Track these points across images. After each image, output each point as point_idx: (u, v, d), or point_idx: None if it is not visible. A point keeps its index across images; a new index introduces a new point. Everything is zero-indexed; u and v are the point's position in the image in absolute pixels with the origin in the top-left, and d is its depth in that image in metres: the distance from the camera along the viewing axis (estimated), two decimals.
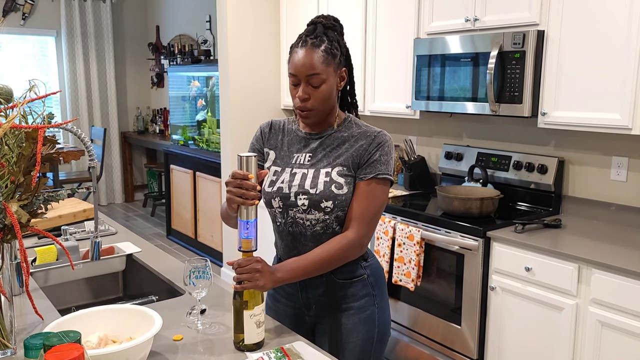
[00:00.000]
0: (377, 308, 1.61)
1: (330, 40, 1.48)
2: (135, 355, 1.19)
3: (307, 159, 1.57)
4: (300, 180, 1.54)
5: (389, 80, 3.29)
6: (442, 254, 2.67)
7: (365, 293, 1.60)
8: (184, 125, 5.85)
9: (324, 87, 1.48)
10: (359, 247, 1.52)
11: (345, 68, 1.55)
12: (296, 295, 1.64)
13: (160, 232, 5.93)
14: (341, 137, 1.57)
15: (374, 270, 1.63)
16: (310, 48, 1.46)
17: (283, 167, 1.59)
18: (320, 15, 1.54)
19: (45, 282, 1.92)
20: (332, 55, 1.48)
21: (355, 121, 1.60)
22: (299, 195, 1.52)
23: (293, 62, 1.48)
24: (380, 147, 1.52)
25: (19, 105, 1.22)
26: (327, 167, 1.53)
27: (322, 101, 1.50)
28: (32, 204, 1.26)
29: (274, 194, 1.56)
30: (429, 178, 3.40)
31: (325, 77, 1.47)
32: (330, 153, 1.56)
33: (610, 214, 2.64)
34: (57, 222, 2.36)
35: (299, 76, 1.48)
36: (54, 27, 6.61)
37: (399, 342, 2.96)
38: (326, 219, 1.52)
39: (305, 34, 1.49)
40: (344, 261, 1.53)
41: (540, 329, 2.34)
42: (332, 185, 1.51)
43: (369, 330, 1.60)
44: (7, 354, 1.29)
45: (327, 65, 1.47)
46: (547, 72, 2.50)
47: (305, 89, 1.48)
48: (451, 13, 2.86)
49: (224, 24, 4.03)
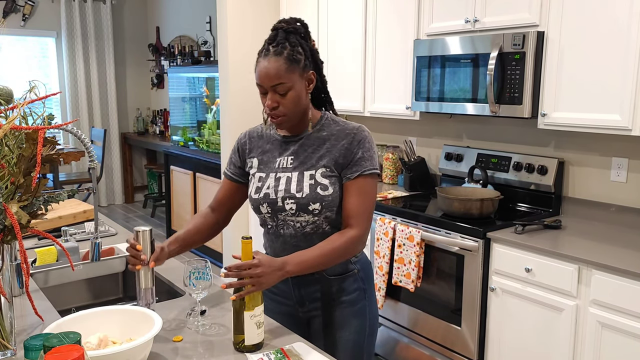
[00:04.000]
0: (368, 301, 1.66)
1: (293, 46, 1.49)
2: (135, 356, 1.19)
3: (290, 161, 1.59)
4: (285, 185, 1.56)
5: (389, 81, 3.30)
6: (442, 255, 2.67)
7: (357, 287, 1.64)
8: (184, 126, 5.85)
9: (291, 93, 1.49)
10: (361, 243, 1.56)
11: (313, 70, 1.56)
12: (289, 293, 1.65)
13: (160, 233, 5.93)
14: (321, 137, 1.59)
15: (364, 265, 1.67)
16: (272, 57, 1.47)
17: (267, 172, 1.61)
18: (282, 20, 1.55)
19: (46, 283, 1.92)
20: (295, 61, 1.48)
21: (333, 118, 1.62)
22: (286, 200, 1.55)
23: (258, 72, 1.50)
24: (362, 144, 1.55)
25: (19, 107, 1.22)
26: (311, 170, 1.55)
27: (292, 107, 1.51)
28: (32, 205, 1.26)
29: (261, 200, 1.59)
30: (429, 179, 3.40)
31: (290, 85, 1.48)
32: (312, 154, 1.57)
33: (610, 215, 2.64)
34: (57, 223, 2.36)
35: (264, 86, 1.50)
36: (54, 28, 6.62)
37: (399, 343, 2.96)
38: (315, 220, 1.55)
39: (268, 42, 1.51)
40: (347, 257, 1.56)
41: (541, 330, 2.34)
42: (318, 187, 1.53)
43: (360, 323, 1.64)
44: (7, 355, 1.29)
45: (291, 73, 1.48)
46: (547, 73, 2.50)
47: (273, 97, 1.50)
48: (451, 14, 2.87)
49: (224, 25, 4.03)
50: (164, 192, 6.04)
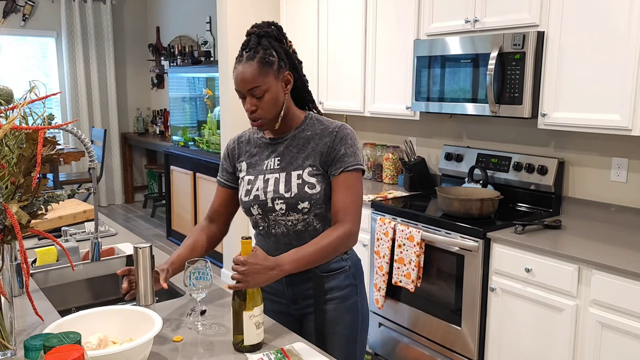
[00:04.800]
0: (359, 297, 1.69)
1: (265, 49, 1.52)
2: (136, 356, 1.19)
3: (277, 163, 1.62)
4: (274, 186, 1.59)
5: (389, 81, 3.30)
6: (442, 255, 2.67)
7: (348, 283, 1.66)
8: (184, 126, 5.85)
9: (268, 95, 1.52)
10: (353, 237, 1.58)
11: (290, 70, 1.58)
12: (282, 291, 1.67)
13: (160, 233, 5.93)
14: (305, 136, 1.62)
15: (354, 262, 1.71)
16: (245, 62, 1.51)
17: (255, 174, 1.63)
18: (254, 25, 1.57)
19: (46, 283, 1.92)
20: (269, 64, 1.51)
21: (317, 118, 1.65)
22: (275, 201, 1.58)
23: (234, 79, 1.54)
24: (344, 141, 1.58)
25: (19, 107, 1.22)
26: (298, 170, 1.58)
27: (269, 109, 1.54)
28: (32, 205, 1.26)
29: (251, 202, 1.61)
30: (429, 179, 3.40)
31: (265, 87, 1.51)
32: (297, 155, 1.60)
33: (610, 215, 2.64)
34: (57, 223, 2.36)
35: (242, 91, 1.53)
36: (54, 28, 6.62)
37: (399, 344, 2.96)
38: (305, 218, 1.59)
39: (242, 48, 1.55)
40: (341, 251, 1.59)
41: (541, 330, 2.34)
42: (305, 186, 1.56)
43: (353, 318, 1.67)
44: (7, 355, 1.29)
45: (264, 76, 1.51)
46: (547, 73, 2.50)
47: (251, 101, 1.53)
48: (451, 14, 2.87)
49: (224, 24, 4.04)
50: (164, 192, 6.05)
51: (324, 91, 3.80)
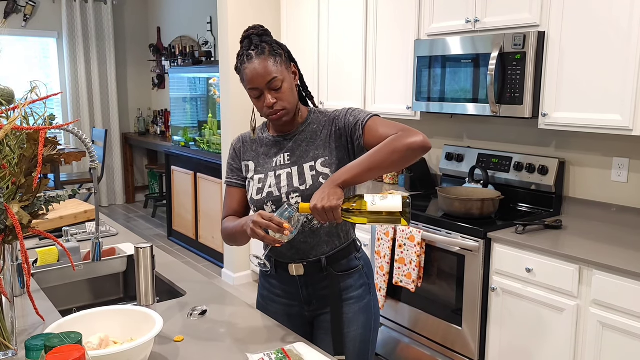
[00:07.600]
0: (372, 296, 1.70)
1: (270, 44, 1.54)
2: (136, 356, 1.19)
3: (287, 158, 1.61)
4: (287, 180, 1.57)
5: (389, 81, 3.30)
6: (442, 255, 2.67)
7: (362, 283, 1.67)
8: (185, 126, 5.85)
9: (285, 85, 1.53)
10: (416, 136, 1.42)
11: (293, 64, 1.60)
12: (296, 294, 1.66)
13: (161, 233, 5.93)
14: (312, 129, 1.62)
15: (366, 261, 1.72)
16: (257, 58, 1.51)
17: (265, 172, 1.62)
18: (249, 28, 1.58)
19: (47, 283, 1.92)
20: (279, 55, 1.54)
21: (320, 111, 1.67)
22: (290, 195, 1.55)
23: (248, 77, 1.52)
24: (348, 113, 1.58)
25: (20, 107, 1.22)
26: (310, 162, 1.57)
27: (290, 98, 1.55)
28: (33, 205, 1.26)
29: (265, 200, 1.58)
30: (429, 179, 3.40)
31: (282, 77, 1.53)
32: (307, 148, 1.60)
33: (611, 215, 2.64)
34: (58, 224, 2.37)
35: (259, 87, 1.52)
36: (55, 28, 6.62)
37: (400, 344, 2.96)
38: None
39: (245, 48, 1.54)
40: (404, 152, 1.41)
41: (541, 330, 2.34)
42: (320, 177, 1.55)
43: (367, 317, 1.67)
44: (9, 355, 1.29)
45: (279, 66, 1.52)
46: (547, 73, 2.50)
47: (270, 94, 1.52)
48: (452, 14, 2.87)
49: (224, 25, 4.04)
50: (165, 193, 6.05)
51: (324, 91, 3.80)
